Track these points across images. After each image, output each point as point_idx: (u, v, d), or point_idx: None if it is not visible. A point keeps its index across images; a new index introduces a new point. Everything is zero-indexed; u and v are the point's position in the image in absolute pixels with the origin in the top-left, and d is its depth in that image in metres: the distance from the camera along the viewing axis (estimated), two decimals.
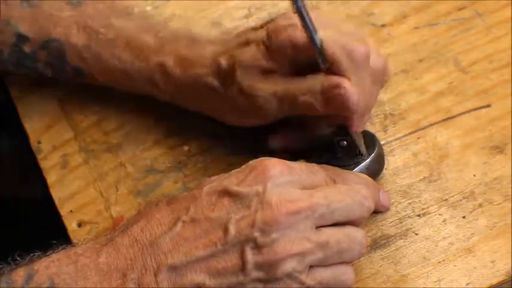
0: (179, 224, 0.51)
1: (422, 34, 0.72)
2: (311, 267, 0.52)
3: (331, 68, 0.57)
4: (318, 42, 0.55)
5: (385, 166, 0.63)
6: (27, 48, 0.66)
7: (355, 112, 0.57)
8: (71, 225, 0.64)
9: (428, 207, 0.61)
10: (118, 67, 0.66)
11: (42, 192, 0.68)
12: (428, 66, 0.70)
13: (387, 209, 0.61)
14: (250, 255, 0.50)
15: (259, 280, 0.51)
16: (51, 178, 0.67)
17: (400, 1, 0.74)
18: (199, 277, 0.50)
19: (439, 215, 0.61)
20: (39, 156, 0.69)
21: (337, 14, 0.75)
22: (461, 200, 0.61)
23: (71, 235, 0.64)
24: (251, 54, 0.60)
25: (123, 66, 0.65)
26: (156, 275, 0.51)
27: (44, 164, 0.68)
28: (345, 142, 0.59)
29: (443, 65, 0.70)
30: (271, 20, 0.61)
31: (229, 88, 0.61)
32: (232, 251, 0.50)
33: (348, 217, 0.53)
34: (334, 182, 0.55)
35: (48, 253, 0.53)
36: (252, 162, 0.54)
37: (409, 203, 0.62)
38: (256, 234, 0.50)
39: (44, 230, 0.61)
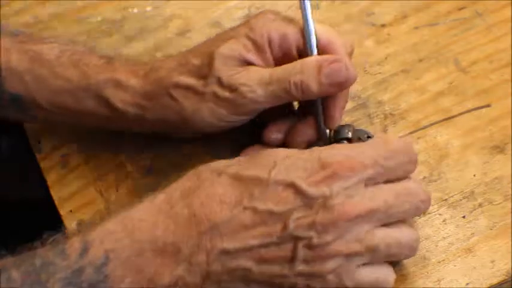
0: (240, 209, 0.51)
1: (422, 34, 0.72)
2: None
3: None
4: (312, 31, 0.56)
5: None
6: None
7: (351, 85, 0.58)
8: (71, 225, 0.64)
9: None
10: (63, 87, 0.61)
11: (42, 192, 0.68)
12: (428, 66, 0.70)
13: None
14: (301, 251, 0.51)
15: (302, 274, 0.51)
16: (51, 178, 0.67)
17: (400, 1, 0.74)
18: (248, 263, 0.51)
19: (439, 214, 0.61)
20: (39, 156, 0.69)
21: (337, 14, 0.75)
22: (461, 200, 0.61)
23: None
24: (230, 47, 0.58)
25: (69, 86, 0.61)
26: (208, 255, 0.51)
27: (44, 164, 0.68)
28: (345, 142, 0.60)
29: (443, 65, 0.70)
30: (247, 20, 0.60)
31: (207, 82, 0.58)
32: (286, 244, 0.51)
33: (403, 219, 0.54)
34: (413, 163, 0.54)
35: (103, 220, 0.53)
36: (323, 158, 0.52)
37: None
38: (312, 234, 0.51)
39: (44, 230, 0.60)
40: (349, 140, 0.59)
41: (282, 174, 0.52)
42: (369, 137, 0.61)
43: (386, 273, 0.54)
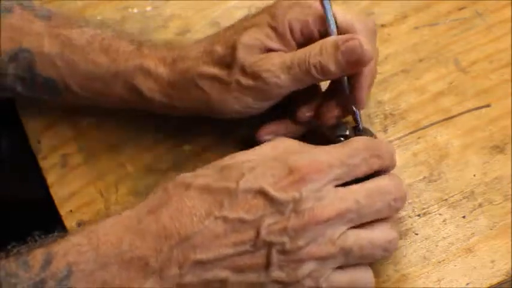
0: (211, 219, 0.51)
1: (422, 34, 0.72)
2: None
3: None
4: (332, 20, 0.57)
5: None
6: None
7: (368, 63, 0.58)
8: (70, 225, 0.64)
9: (428, 207, 0.61)
10: (93, 73, 0.62)
11: (42, 192, 0.68)
12: (428, 66, 0.70)
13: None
14: (275, 257, 0.51)
15: (278, 281, 0.51)
16: (51, 178, 0.67)
17: (400, 1, 0.74)
18: (223, 273, 0.51)
19: (439, 214, 0.61)
20: (39, 156, 0.69)
21: None
22: (461, 200, 0.61)
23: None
24: (252, 35, 0.59)
25: (99, 71, 0.62)
26: (181, 267, 0.51)
27: (44, 164, 0.68)
28: (342, 139, 0.59)
29: (443, 65, 0.70)
30: (267, 7, 0.60)
31: (231, 71, 0.59)
32: (260, 251, 0.51)
33: (376, 218, 0.53)
34: (379, 157, 0.54)
35: (67, 234, 0.52)
36: (290, 163, 0.52)
37: (409, 203, 0.62)
38: (285, 239, 0.51)
39: (44, 230, 0.60)
40: (347, 138, 0.59)
41: (251, 182, 0.52)
42: (368, 134, 0.61)
43: (362, 274, 0.54)
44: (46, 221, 0.65)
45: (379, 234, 0.53)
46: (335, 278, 0.53)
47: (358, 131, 0.61)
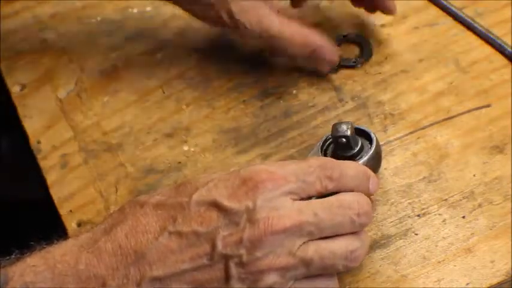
0: (165, 235, 0.50)
1: (422, 34, 0.72)
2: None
3: None
4: None
5: (385, 166, 0.63)
6: None
7: None
8: (70, 225, 0.64)
9: (428, 207, 0.61)
10: None
11: (42, 192, 0.68)
12: (428, 66, 0.70)
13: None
14: (234, 270, 0.50)
15: None
16: (51, 178, 0.67)
17: (400, 1, 0.74)
18: None
19: (439, 215, 0.61)
20: (39, 156, 0.69)
21: (337, 14, 0.75)
22: (461, 200, 0.61)
23: (71, 235, 0.63)
24: None
25: None
26: (138, 285, 0.50)
27: (44, 164, 0.68)
28: (344, 139, 0.59)
29: (443, 65, 0.70)
30: None
31: (219, 4, 0.63)
32: (217, 265, 0.50)
33: (337, 233, 0.52)
34: (331, 179, 0.53)
35: (24, 256, 0.52)
36: (243, 172, 0.52)
37: (409, 203, 0.62)
38: (242, 251, 0.50)
39: (43, 230, 0.60)
40: (347, 138, 0.59)
41: (203, 195, 0.51)
42: (367, 134, 0.61)
43: (326, 284, 0.53)
44: (46, 221, 0.65)
45: (341, 244, 0.52)
46: (298, 286, 0.52)
47: (359, 131, 0.61)
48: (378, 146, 0.61)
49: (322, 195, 0.53)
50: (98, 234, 0.52)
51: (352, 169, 0.55)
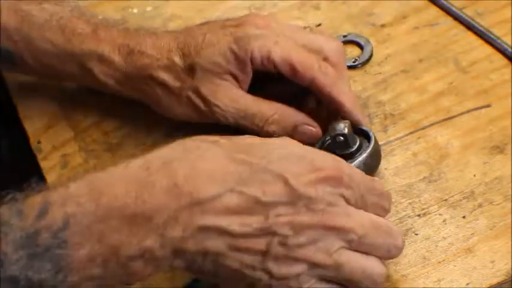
0: (227, 192, 0.49)
1: (422, 34, 0.72)
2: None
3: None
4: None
5: (386, 166, 0.63)
6: None
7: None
8: None
9: (428, 207, 0.61)
10: (49, 50, 0.65)
11: None
12: (428, 66, 0.70)
13: None
14: (274, 248, 0.50)
15: (269, 273, 0.51)
16: (51, 178, 0.67)
17: (400, 1, 0.74)
18: (222, 247, 0.50)
19: (439, 215, 0.61)
20: (39, 156, 0.69)
21: (338, 14, 0.75)
22: (461, 200, 0.61)
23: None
24: (212, 58, 0.60)
25: (55, 50, 0.64)
26: (184, 230, 0.49)
27: (44, 164, 0.68)
28: (341, 137, 0.59)
29: (443, 65, 0.70)
30: (238, 24, 0.62)
31: (185, 86, 0.61)
32: (262, 238, 0.50)
33: (371, 252, 0.53)
34: (384, 209, 0.55)
35: (68, 182, 0.49)
36: (317, 159, 0.52)
37: (409, 203, 0.62)
38: (289, 233, 0.50)
39: None
40: (345, 136, 0.59)
41: (274, 164, 0.51)
42: (365, 133, 0.61)
43: None
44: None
45: (373, 264, 0.53)
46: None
47: (357, 130, 0.61)
48: (377, 144, 0.61)
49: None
50: (155, 166, 0.50)
51: (388, 197, 0.57)
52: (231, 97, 0.61)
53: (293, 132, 0.61)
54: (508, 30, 0.71)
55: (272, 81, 0.63)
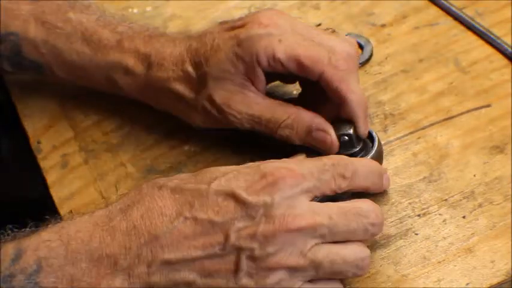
0: (181, 220, 0.51)
1: (422, 34, 0.72)
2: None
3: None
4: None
5: (386, 166, 0.63)
6: None
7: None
8: None
9: (428, 207, 0.61)
10: (76, 62, 0.65)
11: (42, 192, 0.68)
12: (428, 66, 0.70)
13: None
14: (244, 263, 0.50)
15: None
16: (51, 178, 0.67)
17: (400, 1, 0.74)
18: (191, 275, 0.51)
19: (439, 215, 0.61)
20: (39, 156, 0.69)
21: (337, 13, 0.75)
22: (461, 200, 0.61)
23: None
24: (221, 66, 0.60)
25: (82, 61, 0.65)
26: (149, 266, 0.50)
27: (44, 164, 0.68)
28: (346, 137, 0.59)
29: (443, 65, 0.70)
30: (243, 24, 0.60)
31: (200, 96, 0.61)
32: (229, 256, 0.50)
33: (349, 239, 0.53)
34: (344, 177, 0.54)
35: (38, 230, 0.52)
36: (263, 168, 0.52)
37: (409, 203, 0.62)
38: (255, 245, 0.50)
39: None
40: (350, 136, 0.59)
41: (222, 185, 0.52)
42: (369, 133, 0.61)
43: None
44: (46, 221, 0.65)
45: (352, 251, 0.53)
46: None
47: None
48: (380, 145, 0.61)
49: (334, 195, 0.54)
50: (114, 213, 0.53)
51: (366, 166, 0.56)
52: (245, 103, 0.60)
53: (306, 137, 0.59)
54: (508, 30, 0.71)
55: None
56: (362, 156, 0.60)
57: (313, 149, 0.60)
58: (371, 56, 0.71)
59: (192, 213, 0.51)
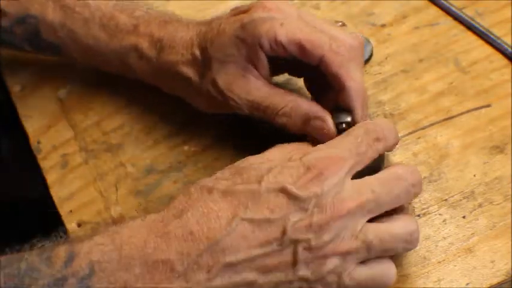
0: (238, 221, 0.51)
1: (422, 34, 0.72)
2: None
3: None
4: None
5: (385, 166, 0.63)
6: (4, 23, 0.67)
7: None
8: (70, 225, 0.64)
9: (428, 207, 0.61)
10: (93, 46, 0.66)
11: (42, 192, 0.68)
12: (428, 66, 0.70)
13: None
14: (302, 255, 0.51)
15: (305, 279, 0.52)
16: (51, 178, 0.67)
17: (400, 1, 0.74)
18: (251, 275, 0.51)
19: (439, 215, 0.61)
20: (39, 156, 0.69)
21: (338, 13, 0.75)
22: (461, 200, 0.61)
23: (71, 235, 0.64)
24: (224, 50, 0.60)
25: (98, 46, 0.66)
26: (209, 271, 0.51)
27: (44, 164, 0.68)
28: (344, 125, 0.59)
29: (443, 65, 0.70)
30: (245, 10, 0.61)
31: (205, 80, 0.62)
32: (287, 249, 0.51)
33: (396, 205, 0.54)
34: (379, 140, 0.55)
35: (92, 233, 0.52)
36: (306, 161, 0.53)
37: (409, 203, 0.62)
38: (311, 236, 0.51)
39: (44, 230, 0.60)
40: (348, 124, 0.59)
41: (272, 182, 0.52)
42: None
43: (384, 269, 0.54)
44: (46, 221, 0.65)
45: (400, 226, 0.54)
46: (357, 273, 0.53)
47: None
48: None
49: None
50: (168, 218, 0.52)
51: (386, 122, 0.57)
52: (245, 89, 0.60)
53: (304, 126, 0.59)
54: (508, 30, 0.71)
55: None
56: None
57: None
58: (371, 56, 0.71)
59: (248, 214, 0.51)
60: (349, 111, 0.59)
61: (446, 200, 0.62)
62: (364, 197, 0.52)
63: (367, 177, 0.54)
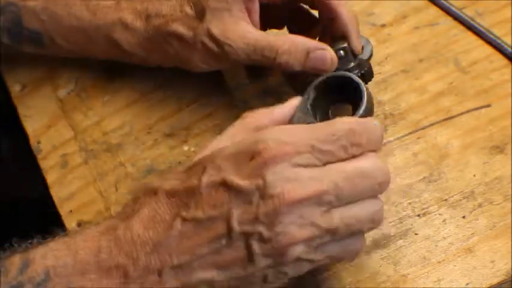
0: (180, 222, 0.50)
1: (422, 34, 0.72)
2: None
3: None
4: None
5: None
6: None
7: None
8: (70, 225, 0.64)
9: (428, 207, 0.61)
10: (76, 26, 0.66)
11: (42, 192, 0.68)
12: (428, 66, 0.70)
13: None
14: (257, 247, 0.49)
15: (268, 266, 0.50)
16: (51, 178, 0.67)
17: (400, 1, 0.74)
18: (207, 273, 0.50)
19: (439, 215, 0.61)
20: (39, 156, 0.69)
21: None
22: (461, 200, 0.61)
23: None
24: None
25: (82, 25, 0.66)
26: (160, 274, 0.50)
27: (44, 164, 0.68)
28: (342, 52, 0.60)
29: (443, 65, 0.70)
30: None
31: (198, 33, 0.62)
32: (238, 244, 0.49)
33: (356, 200, 0.50)
34: (360, 145, 0.51)
35: (46, 240, 0.52)
36: (250, 145, 0.50)
37: (409, 203, 0.62)
38: (261, 228, 0.49)
39: (44, 230, 0.60)
40: (346, 50, 0.60)
41: (212, 176, 0.50)
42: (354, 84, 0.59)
43: (354, 243, 0.51)
44: (46, 221, 0.65)
45: (364, 207, 0.51)
46: (327, 250, 0.50)
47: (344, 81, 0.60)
48: (370, 96, 0.58)
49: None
50: (118, 223, 0.52)
51: (378, 130, 0.52)
52: (240, 33, 0.61)
53: (306, 60, 0.59)
54: (508, 30, 0.71)
55: None
56: (357, 111, 0.57)
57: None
58: (371, 56, 0.71)
59: (190, 214, 0.50)
60: (343, 38, 0.61)
61: (446, 200, 0.62)
62: (323, 187, 0.49)
63: (330, 167, 0.50)
